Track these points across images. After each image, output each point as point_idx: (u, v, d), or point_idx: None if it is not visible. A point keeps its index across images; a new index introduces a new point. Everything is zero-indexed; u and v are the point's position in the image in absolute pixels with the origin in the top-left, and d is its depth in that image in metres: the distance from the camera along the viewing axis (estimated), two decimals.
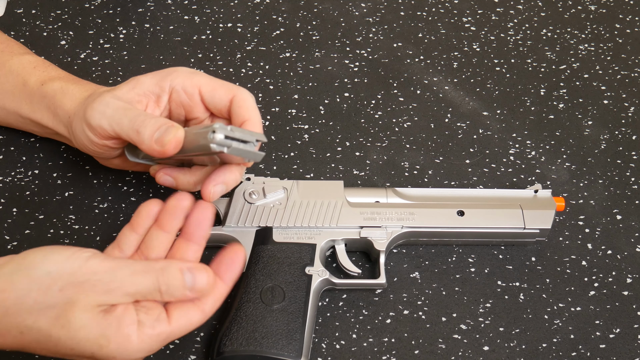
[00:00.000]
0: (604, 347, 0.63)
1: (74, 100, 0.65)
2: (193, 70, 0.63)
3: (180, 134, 0.57)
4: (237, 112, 0.61)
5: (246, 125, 0.60)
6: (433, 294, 0.66)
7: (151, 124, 0.57)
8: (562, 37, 0.91)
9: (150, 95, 0.62)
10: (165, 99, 0.63)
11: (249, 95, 0.62)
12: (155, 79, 0.62)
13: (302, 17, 0.91)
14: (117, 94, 0.61)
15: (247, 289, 0.62)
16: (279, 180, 0.68)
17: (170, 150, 0.56)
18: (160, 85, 0.62)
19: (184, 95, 0.62)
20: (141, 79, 0.62)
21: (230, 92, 0.62)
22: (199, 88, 0.62)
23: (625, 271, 0.68)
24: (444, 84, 0.84)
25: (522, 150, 0.78)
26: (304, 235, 0.66)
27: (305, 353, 0.59)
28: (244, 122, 0.61)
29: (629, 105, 0.83)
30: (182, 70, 0.63)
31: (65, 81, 0.68)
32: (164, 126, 0.57)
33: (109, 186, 0.72)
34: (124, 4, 0.90)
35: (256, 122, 0.61)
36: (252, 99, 0.62)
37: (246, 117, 0.61)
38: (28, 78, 0.69)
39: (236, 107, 0.61)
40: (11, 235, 0.67)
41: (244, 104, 0.61)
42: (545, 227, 0.68)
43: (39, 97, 0.68)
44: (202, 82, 0.62)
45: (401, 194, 0.68)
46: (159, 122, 0.58)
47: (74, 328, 0.49)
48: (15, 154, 0.74)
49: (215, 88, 0.62)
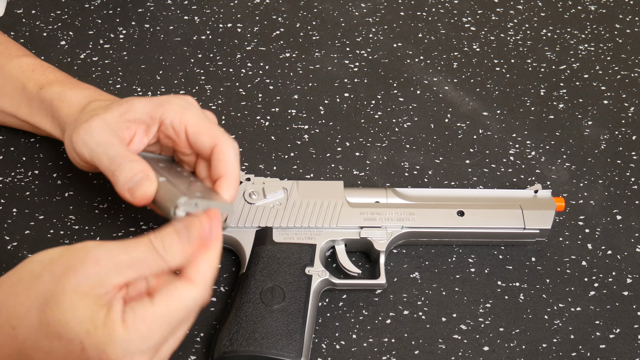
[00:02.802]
0: (604, 347, 0.63)
1: (70, 107, 0.65)
2: (185, 105, 0.62)
3: (151, 190, 0.56)
4: (215, 164, 0.60)
5: (221, 181, 0.59)
6: (433, 294, 0.66)
7: (127, 169, 0.57)
8: (562, 37, 0.91)
9: (141, 124, 0.62)
10: (154, 130, 0.62)
11: (230, 147, 0.60)
12: (148, 108, 0.61)
13: (302, 17, 0.91)
14: (107, 118, 0.60)
15: (247, 289, 0.62)
16: (279, 181, 0.68)
17: (140, 204, 0.57)
18: (151, 116, 0.61)
19: (172, 130, 0.61)
20: (135, 105, 0.61)
21: (213, 140, 0.60)
22: (185, 127, 0.61)
23: (625, 271, 0.68)
24: (444, 84, 0.84)
25: (522, 151, 0.78)
26: (304, 235, 0.66)
27: (305, 353, 0.59)
28: (220, 177, 0.60)
29: (629, 105, 0.83)
30: (175, 104, 0.62)
31: (63, 85, 0.67)
32: (139, 176, 0.57)
33: (109, 186, 0.72)
34: (124, 4, 0.90)
35: (232, 178, 0.60)
36: (233, 152, 0.60)
37: (222, 173, 0.60)
38: (26, 82, 0.69)
39: (215, 160, 0.60)
40: (11, 236, 0.67)
41: (223, 158, 0.60)
42: (545, 227, 0.68)
43: (38, 101, 0.68)
44: (189, 122, 0.61)
45: (401, 194, 0.68)
46: (134, 169, 0.57)
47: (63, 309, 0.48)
48: (15, 154, 0.74)
49: (199, 132, 0.61)
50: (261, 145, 0.77)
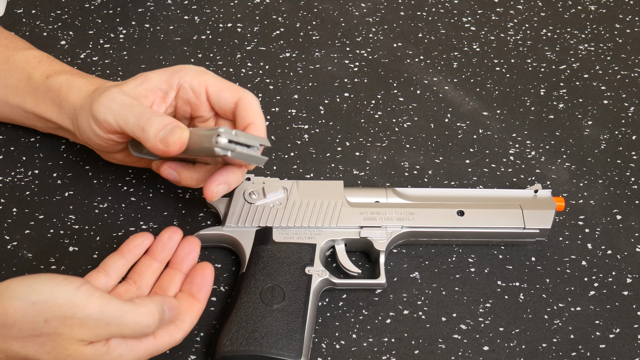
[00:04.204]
0: (603, 347, 0.63)
1: (79, 93, 0.65)
2: (201, 69, 0.63)
3: (185, 135, 0.57)
4: (242, 114, 0.61)
5: (250, 128, 0.61)
6: (433, 294, 0.66)
7: (157, 122, 0.58)
8: (562, 37, 0.91)
9: (158, 91, 0.62)
10: (172, 96, 0.63)
11: (254, 99, 0.62)
12: (164, 75, 0.63)
13: (302, 17, 0.91)
14: (124, 89, 0.61)
15: (247, 289, 0.62)
16: (279, 180, 0.68)
17: (174, 151, 0.57)
18: (168, 82, 0.62)
19: (191, 93, 0.63)
20: (149, 75, 0.63)
21: (236, 95, 0.62)
22: (206, 87, 0.62)
23: (625, 271, 0.68)
24: (444, 84, 0.84)
25: (522, 150, 0.78)
26: (304, 235, 0.66)
27: (305, 353, 0.59)
28: (249, 125, 0.61)
29: (629, 105, 0.83)
30: (191, 68, 0.63)
31: (71, 75, 0.68)
32: (169, 125, 0.57)
33: (109, 186, 0.72)
34: (124, 4, 0.90)
35: (260, 125, 0.61)
36: (257, 103, 0.62)
37: (251, 121, 0.61)
38: (33, 72, 0.69)
39: (241, 110, 0.62)
40: (11, 235, 0.67)
41: (249, 107, 0.62)
42: (545, 227, 0.68)
43: (44, 90, 0.68)
44: (209, 82, 0.62)
45: (401, 194, 0.68)
46: (164, 121, 0.58)
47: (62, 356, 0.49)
48: (15, 154, 0.74)
49: (222, 89, 0.62)
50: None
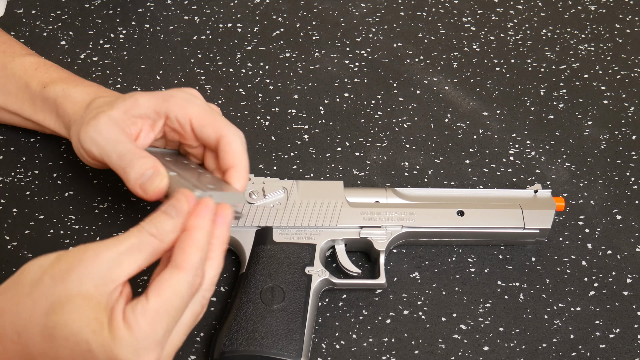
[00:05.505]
0: (603, 347, 0.63)
1: (75, 104, 0.66)
2: (189, 99, 0.62)
3: (164, 184, 0.57)
4: (223, 156, 0.60)
5: (230, 173, 0.59)
6: (433, 294, 0.66)
7: (137, 166, 0.57)
8: (562, 37, 0.91)
9: (147, 119, 0.62)
10: (160, 124, 0.62)
11: (236, 138, 0.60)
12: (153, 102, 0.61)
13: (302, 17, 0.91)
14: (113, 115, 0.61)
15: (247, 289, 0.62)
16: (279, 181, 0.68)
17: (153, 199, 0.57)
18: (156, 111, 0.61)
19: (177, 124, 0.62)
20: (139, 101, 0.62)
21: (217, 132, 0.60)
22: (190, 120, 0.61)
23: (625, 271, 0.68)
24: (443, 84, 0.84)
25: (522, 150, 0.78)
26: (304, 235, 0.66)
27: (305, 353, 0.59)
28: (229, 169, 0.60)
29: (629, 105, 0.83)
30: (179, 98, 0.62)
31: (67, 83, 0.68)
32: (149, 172, 0.57)
33: (109, 186, 0.72)
34: (124, 4, 0.90)
35: (241, 169, 0.60)
36: (239, 142, 0.60)
37: (231, 164, 0.60)
38: (30, 80, 0.69)
39: (222, 152, 0.60)
40: (11, 235, 0.67)
41: (230, 149, 0.60)
42: (545, 227, 0.68)
43: (41, 100, 0.68)
44: (193, 115, 0.61)
45: (401, 194, 0.68)
46: (145, 165, 0.57)
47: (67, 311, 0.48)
48: (15, 154, 0.74)
49: (204, 125, 0.61)
50: (261, 145, 0.77)
